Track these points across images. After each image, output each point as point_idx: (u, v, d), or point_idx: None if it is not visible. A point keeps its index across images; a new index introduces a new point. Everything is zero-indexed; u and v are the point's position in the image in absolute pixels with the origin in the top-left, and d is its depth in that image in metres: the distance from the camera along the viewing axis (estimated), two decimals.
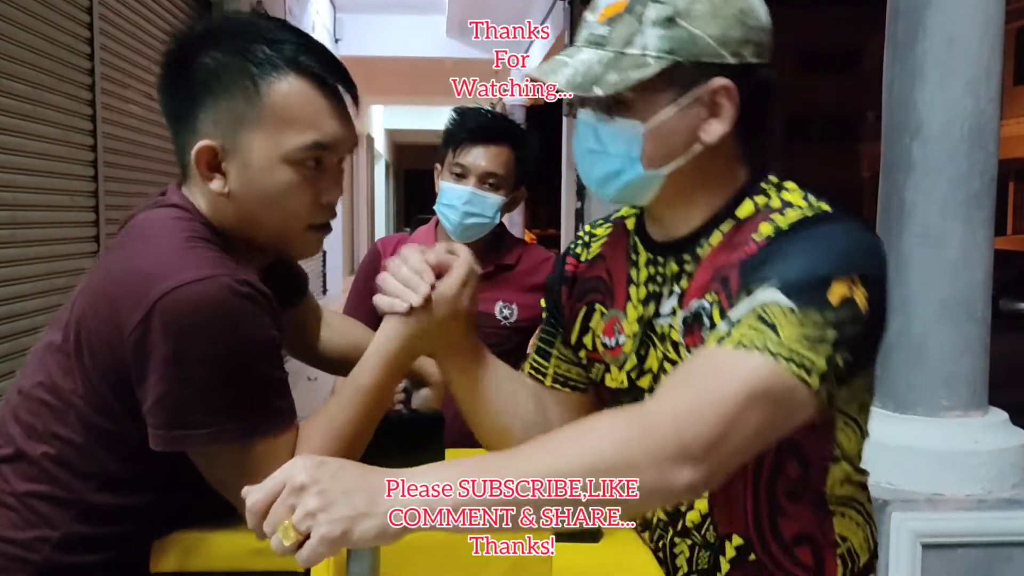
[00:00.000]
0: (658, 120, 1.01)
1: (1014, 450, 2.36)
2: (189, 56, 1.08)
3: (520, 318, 1.97)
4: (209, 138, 1.06)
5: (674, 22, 0.98)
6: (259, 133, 1.05)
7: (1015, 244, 11.23)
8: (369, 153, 18.26)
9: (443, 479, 0.80)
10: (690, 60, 0.99)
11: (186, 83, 1.07)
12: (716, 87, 1.00)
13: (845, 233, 0.98)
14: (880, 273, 0.97)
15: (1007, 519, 2.28)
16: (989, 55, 2.34)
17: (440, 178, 1.98)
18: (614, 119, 1.02)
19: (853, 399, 1.07)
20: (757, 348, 0.89)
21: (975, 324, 2.38)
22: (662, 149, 1.02)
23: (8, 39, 3.08)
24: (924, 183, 2.36)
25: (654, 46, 0.98)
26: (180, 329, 0.97)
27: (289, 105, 1.05)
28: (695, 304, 1.04)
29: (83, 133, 3.74)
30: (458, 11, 10.77)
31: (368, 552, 0.85)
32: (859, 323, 0.93)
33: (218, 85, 1.06)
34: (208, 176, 1.07)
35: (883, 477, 2.34)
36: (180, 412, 0.99)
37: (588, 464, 0.82)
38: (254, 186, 1.07)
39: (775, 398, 0.88)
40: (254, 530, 0.81)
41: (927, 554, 2.27)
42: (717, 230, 1.06)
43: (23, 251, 3.24)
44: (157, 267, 1.00)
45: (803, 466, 1.07)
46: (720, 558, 1.11)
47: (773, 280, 0.93)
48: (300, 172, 1.07)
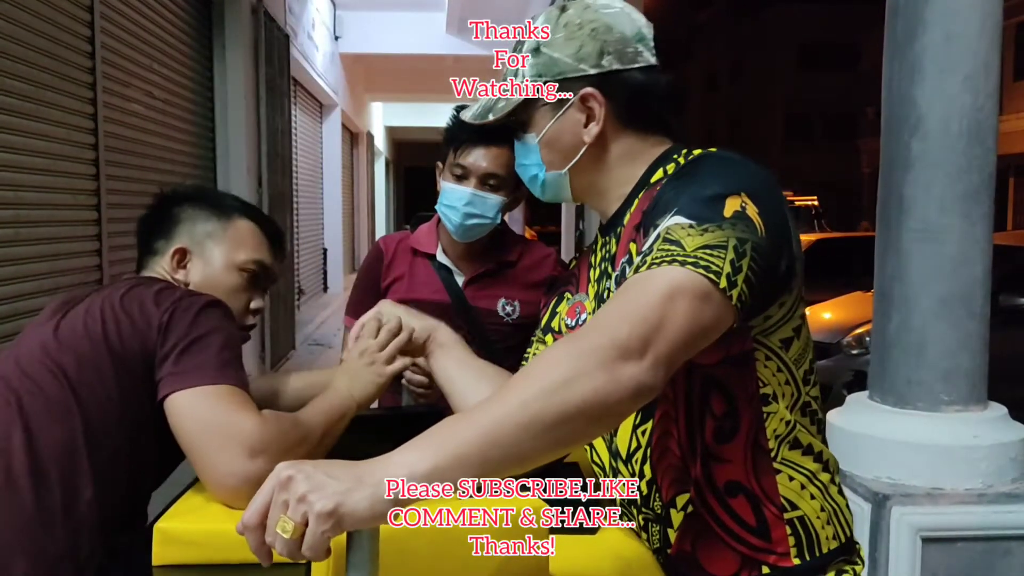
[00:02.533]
0: (544, 131, 1.23)
1: (1013, 445, 2.37)
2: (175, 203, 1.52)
3: (522, 315, 1.98)
4: (183, 244, 1.47)
5: (539, 51, 1.21)
6: (221, 246, 1.48)
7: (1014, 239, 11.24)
8: (369, 151, 18.25)
9: (418, 448, 0.85)
10: (555, 78, 1.20)
11: (170, 219, 1.49)
12: (583, 95, 1.19)
13: (729, 161, 1.12)
14: (765, 191, 1.06)
15: (1006, 513, 2.29)
16: (988, 50, 2.35)
17: (441, 177, 1.98)
18: (521, 136, 1.26)
19: (772, 331, 1.11)
20: (666, 262, 0.98)
21: (974, 319, 2.38)
22: (556, 154, 1.24)
23: (10, 38, 3.09)
24: (923, 179, 2.37)
25: (529, 73, 1.22)
26: (199, 309, 1.29)
27: (245, 234, 1.51)
28: (622, 261, 1.18)
29: (85, 132, 3.75)
30: (458, 8, 10.77)
31: (367, 542, 0.85)
32: (755, 233, 1.01)
33: (197, 215, 1.50)
34: (175, 269, 1.47)
35: (883, 472, 2.35)
36: (201, 355, 1.25)
37: (543, 389, 0.88)
38: (208, 280, 1.46)
39: (692, 294, 0.96)
40: (256, 552, 0.83)
41: (927, 548, 2.28)
42: (636, 199, 1.21)
43: (26, 249, 3.25)
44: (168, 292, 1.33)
45: (729, 402, 1.12)
46: (669, 531, 1.16)
47: (673, 209, 1.05)
48: (242, 279, 1.48)
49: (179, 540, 1.12)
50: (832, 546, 1.15)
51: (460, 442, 0.85)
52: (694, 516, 1.14)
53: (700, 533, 1.14)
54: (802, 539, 1.14)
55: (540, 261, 2.06)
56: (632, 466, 1.19)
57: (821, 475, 1.17)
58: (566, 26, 1.20)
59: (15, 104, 3.14)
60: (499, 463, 0.86)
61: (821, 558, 1.14)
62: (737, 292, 0.98)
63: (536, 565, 1.10)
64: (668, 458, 1.15)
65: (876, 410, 2.47)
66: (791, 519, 1.13)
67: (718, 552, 1.13)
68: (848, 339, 5.86)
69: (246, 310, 1.50)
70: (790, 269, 1.08)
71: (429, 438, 0.86)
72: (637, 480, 1.20)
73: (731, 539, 1.13)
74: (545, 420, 0.87)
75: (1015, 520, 2.29)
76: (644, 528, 1.19)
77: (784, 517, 1.13)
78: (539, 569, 1.10)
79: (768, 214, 1.04)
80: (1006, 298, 5.86)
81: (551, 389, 0.88)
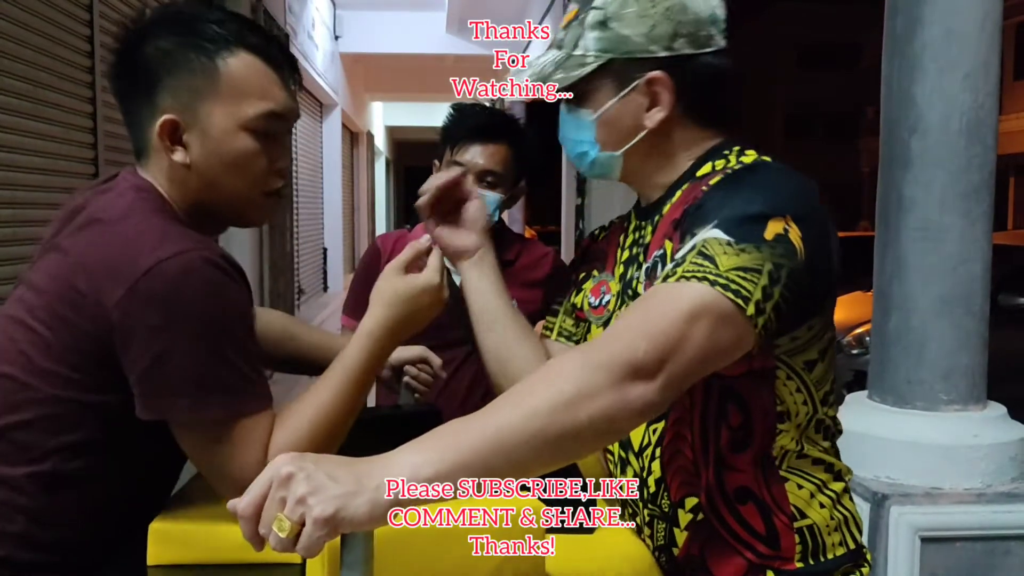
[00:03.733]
0: (604, 110, 1.16)
1: (1013, 444, 2.37)
2: (142, 42, 1.15)
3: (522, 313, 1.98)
4: (170, 113, 1.14)
5: (606, 25, 1.13)
6: (218, 104, 1.14)
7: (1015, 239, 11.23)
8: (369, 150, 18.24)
9: (422, 451, 0.84)
10: (623, 57, 1.13)
11: (142, 67, 1.15)
12: (651, 79, 1.13)
13: (779, 176, 1.08)
14: (811, 214, 1.03)
15: (1006, 513, 2.28)
16: (987, 49, 2.34)
17: None
18: (573, 110, 1.19)
19: (797, 352, 1.10)
20: (696, 278, 0.96)
21: (974, 318, 2.38)
22: (613, 134, 1.17)
23: (9, 37, 3.09)
24: (922, 177, 2.36)
25: (592, 47, 1.14)
26: (165, 300, 1.02)
27: (244, 77, 1.15)
28: (655, 254, 1.15)
29: (84, 131, 3.75)
30: (458, 7, 10.76)
31: (361, 542, 0.85)
32: (794, 259, 0.99)
33: (174, 64, 1.13)
34: (171, 148, 1.14)
35: (882, 471, 2.35)
36: (165, 381, 1.03)
37: (552, 401, 0.87)
38: (215, 154, 1.15)
39: (716, 317, 0.95)
40: (248, 539, 0.82)
41: (926, 548, 2.27)
42: (680, 190, 1.17)
43: (25, 248, 3.25)
44: (138, 243, 1.04)
45: (744, 413, 1.11)
46: (675, 530, 1.15)
47: (713, 220, 1.02)
48: (256, 139, 1.16)
49: (174, 540, 1.11)
50: (838, 552, 1.15)
51: (464, 449, 0.84)
52: (703, 521, 1.14)
53: (709, 538, 1.14)
54: (808, 546, 1.14)
55: (539, 260, 2.05)
56: (642, 460, 1.18)
57: (832, 484, 1.16)
58: (638, 1, 1.12)
59: (14, 103, 3.13)
60: (502, 472, 0.86)
61: (825, 563, 1.14)
62: (763, 320, 0.97)
63: (532, 565, 1.09)
64: (679, 460, 1.14)
65: (875, 410, 2.46)
66: (800, 528, 1.13)
67: (726, 557, 1.13)
68: (848, 339, 5.86)
69: (269, 173, 1.19)
70: (826, 293, 1.07)
71: (433, 441, 0.86)
72: (637, 481, 1.19)
73: (740, 545, 1.13)
74: (551, 435, 0.87)
75: (1014, 520, 2.28)
76: (648, 524, 1.19)
77: (794, 526, 1.13)
78: (535, 569, 1.10)
79: (810, 238, 1.01)
80: (1006, 297, 5.87)
81: (560, 404, 0.87)
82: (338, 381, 1.13)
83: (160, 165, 1.16)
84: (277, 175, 1.20)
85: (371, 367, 1.16)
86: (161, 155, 1.15)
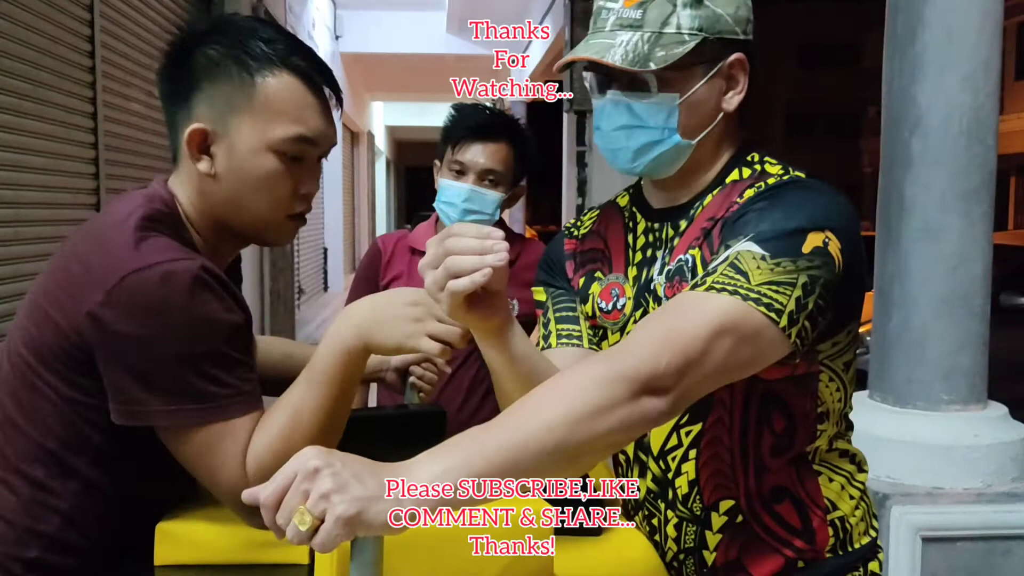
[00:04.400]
0: (691, 92, 1.11)
1: (1013, 444, 2.37)
2: (191, 48, 1.15)
3: (521, 312, 1.98)
4: (202, 122, 1.13)
5: (701, 3, 1.09)
6: (248, 120, 1.12)
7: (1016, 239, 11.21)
8: (370, 150, 18.25)
9: (443, 461, 0.84)
10: (715, 36, 1.10)
11: (186, 71, 1.14)
12: (734, 60, 1.12)
13: (818, 193, 1.07)
14: (851, 227, 1.04)
15: (1006, 512, 2.29)
16: (987, 49, 2.34)
17: (439, 175, 1.98)
18: (652, 94, 1.10)
19: (838, 355, 1.12)
20: (727, 291, 0.95)
21: (974, 318, 2.38)
22: (694, 119, 1.12)
23: (10, 37, 3.09)
24: (923, 177, 2.36)
25: (687, 25, 1.09)
26: (141, 309, 1.01)
27: (280, 98, 1.13)
28: (680, 259, 1.13)
29: (85, 131, 3.75)
30: (458, 7, 10.76)
31: (371, 544, 0.85)
32: (832, 270, 0.99)
33: (216, 72, 1.13)
34: (197, 157, 1.13)
35: (883, 471, 2.35)
36: (138, 389, 1.03)
37: (573, 414, 0.87)
38: (239, 170, 1.13)
39: (742, 333, 0.95)
40: (269, 526, 0.82)
41: (927, 547, 2.27)
42: (709, 195, 1.15)
43: (26, 248, 3.25)
44: (119, 251, 1.04)
45: (788, 419, 1.11)
46: (707, 533, 1.15)
47: (749, 234, 1.01)
48: (283, 161, 1.13)
49: (181, 540, 1.12)
50: (863, 541, 1.18)
51: (484, 461, 0.84)
52: (742, 525, 1.13)
53: (748, 541, 1.14)
54: (840, 537, 1.15)
55: (539, 260, 2.05)
56: (667, 462, 1.17)
57: (858, 476, 1.19)
58: None
59: (15, 103, 3.13)
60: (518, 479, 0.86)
61: (852, 553, 1.16)
62: (797, 330, 0.98)
63: (540, 566, 1.09)
64: (715, 463, 1.14)
65: (876, 409, 2.47)
66: (832, 520, 1.15)
67: (765, 556, 1.14)
68: None
69: (294, 196, 1.16)
70: (861, 299, 1.09)
71: (454, 451, 0.85)
72: (637, 481, 1.19)
73: (779, 544, 1.13)
74: (570, 446, 0.87)
75: (1015, 519, 2.29)
76: (677, 527, 1.17)
77: (827, 519, 1.14)
78: (543, 570, 1.10)
79: (848, 251, 1.02)
80: (1007, 297, 5.86)
81: (579, 417, 0.87)
82: (306, 381, 1.10)
83: (187, 173, 1.16)
84: (302, 199, 1.17)
85: (338, 363, 1.10)
86: (188, 163, 1.15)
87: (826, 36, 28.40)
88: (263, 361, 1.41)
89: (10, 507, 1.10)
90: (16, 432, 1.10)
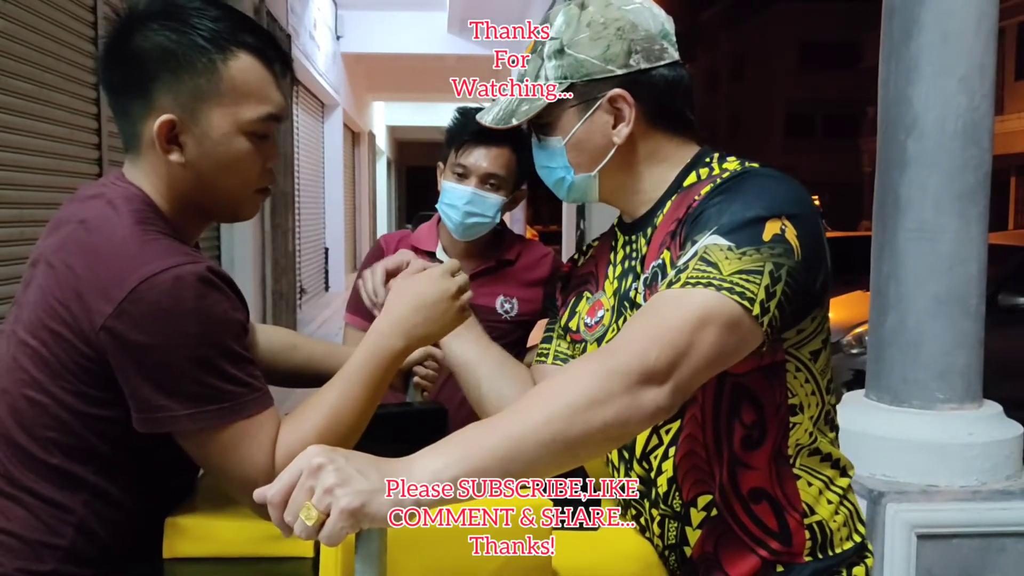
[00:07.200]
0: (571, 134, 1.19)
1: (1008, 442, 2.39)
2: (133, 34, 1.12)
3: (520, 312, 2.00)
4: (167, 112, 1.11)
5: (563, 52, 1.17)
6: (218, 107, 1.12)
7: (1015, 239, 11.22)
8: (371, 150, 18.25)
9: (443, 455, 0.87)
10: (582, 80, 1.17)
11: (138, 60, 1.11)
12: (612, 96, 1.17)
13: (773, 180, 1.11)
14: (805, 212, 1.08)
15: (1001, 510, 2.30)
16: (983, 51, 2.36)
17: (442, 177, 2.00)
18: (544, 139, 1.22)
19: (803, 343, 1.14)
20: (702, 284, 0.99)
21: (969, 318, 2.40)
22: (584, 156, 1.20)
23: (13, 39, 3.11)
24: (919, 178, 2.38)
25: (552, 75, 1.18)
26: (155, 316, 1.02)
27: (244, 80, 1.14)
28: (654, 265, 1.17)
29: (88, 131, 3.77)
30: (459, 7, 10.78)
31: (376, 537, 0.87)
32: (792, 256, 1.03)
33: (175, 61, 1.11)
34: (167, 148, 1.12)
35: (878, 469, 2.37)
36: (160, 396, 1.03)
37: (569, 407, 0.91)
38: (211, 155, 1.13)
39: (723, 322, 0.98)
40: (276, 524, 0.84)
41: (922, 545, 2.29)
42: (669, 201, 1.20)
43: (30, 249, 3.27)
44: (125, 260, 1.04)
45: (758, 412, 1.14)
46: (687, 529, 1.17)
47: (712, 228, 1.05)
48: (252, 141, 1.15)
49: (189, 533, 1.13)
50: (845, 546, 1.18)
51: (484, 455, 0.87)
52: (717, 519, 1.16)
53: (723, 536, 1.16)
54: (818, 541, 1.16)
55: (538, 260, 2.08)
56: (649, 462, 1.19)
57: (839, 480, 1.20)
58: (590, 25, 1.16)
59: (18, 104, 3.16)
60: (518, 475, 0.89)
61: (833, 557, 1.17)
62: (769, 318, 1.01)
63: (537, 563, 1.11)
64: (692, 459, 1.16)
65: (872, 408, 2.49)
66: (810, 524, 1.16)
67: (741, 555, 1.15)
68: (848, 338, 5.87)
69: (261, 172, 1.18)
70: (824, 286, 1.11)
71: (454, 447, 0.88)
72: (637, 481, 1.21)
73: (754, 543, 1.15)
74: (567, 440, 0.90)
75: (1009, 517, 2.31)
76: (660, 524, 1.20)
77: (805, 523, 1.16)
78: (541, 567, 1.11)
79: (806, 236, 1.05)
80: (1006, 297, 5.87)
81: (575, 409, 0.90)
82: (347, 381, 1.13)
83: (152, 163, 1.14)
84: (267, 173, 1.20)
85: (382, 366, 1.15)
86: (154, 153, 1.13)
87: (826, 36, 28.40)
88: (264, 350, 1.42)
89: (22, 523, 1.10)
90: (18, 451, 1.10)
